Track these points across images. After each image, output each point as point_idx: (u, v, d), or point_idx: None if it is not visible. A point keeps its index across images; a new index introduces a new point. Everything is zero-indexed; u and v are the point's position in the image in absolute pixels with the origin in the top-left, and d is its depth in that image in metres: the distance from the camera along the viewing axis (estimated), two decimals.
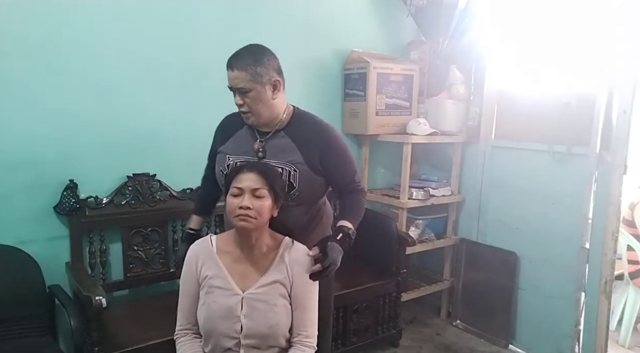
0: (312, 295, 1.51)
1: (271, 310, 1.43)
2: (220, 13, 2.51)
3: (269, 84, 1.59)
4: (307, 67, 2.86)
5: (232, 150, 1.70)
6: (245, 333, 1.41)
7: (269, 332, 1.42)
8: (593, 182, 2.42)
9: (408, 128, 2.91)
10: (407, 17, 3.13)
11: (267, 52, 1.62)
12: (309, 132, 1.66)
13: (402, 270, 2.73)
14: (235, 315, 1.42)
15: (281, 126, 1.67)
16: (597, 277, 2.41)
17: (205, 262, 1.48)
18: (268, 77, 1.58)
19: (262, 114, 1.61)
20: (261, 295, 1.44)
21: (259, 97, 1.58)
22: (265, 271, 1.47)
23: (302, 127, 1.67)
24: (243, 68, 1.55)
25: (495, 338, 2.89)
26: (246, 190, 1.42)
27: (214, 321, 1.43)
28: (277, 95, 1.62)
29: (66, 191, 2.13)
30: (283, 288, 1.47)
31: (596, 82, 2.39)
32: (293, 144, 1.64)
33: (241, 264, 1.48)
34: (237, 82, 1.56)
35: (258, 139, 1.67)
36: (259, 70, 1.56)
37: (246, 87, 1.56)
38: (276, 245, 1.52)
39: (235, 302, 1.43)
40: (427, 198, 2.91)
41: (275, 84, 1.60)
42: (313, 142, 1.64)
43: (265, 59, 1.58)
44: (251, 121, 1.64)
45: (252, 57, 1.56)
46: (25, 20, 2.02)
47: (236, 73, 1.56)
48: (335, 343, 2.52)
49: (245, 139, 1.69)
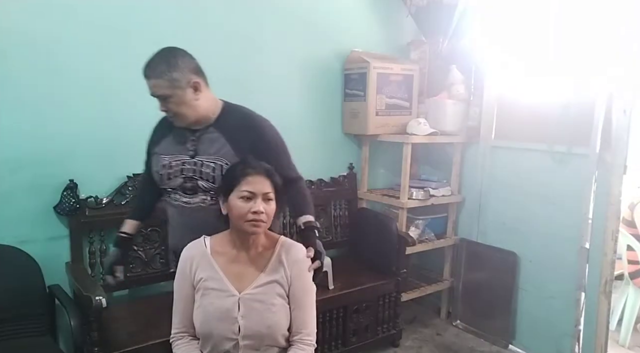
0: (311, 293, 1.50)
1: (269, 310, 1.42)
2: (220, 13, 2.51)
3: (189, 87, 1.57)
4: (307, 67, 2.86)
5: (166, 150, 1.69)
6: (244, 334, 1.40)
7: (267, 331, 1.41)
8: (593, 182, 2.42)
9: (408, 128, 2.91)
10: (407, 17, 3.13)
11: (180, 55, 1.60)
12: (238, 124, 1.66)
13: (402, 270, 2.73)
14: (233, 316, 1.40)
15: (211, 122, 1.66)
16: (597, 277, 2.41)
17: (200, 264, 1.46)
18: (186, 80, 1.56)
19: (188, 115, 1.61)
20: (258, 295, 1.43)
21: (181, 101, 1.57)
22: (262, 271, 1.46)
23: (231, 121, 1.67)
24: (158, 76, 1.54)
25: (495, 338, 2.89)
26: (258, 194, 1.39)
27: (211, 324, 1.41)
28: (200, 96, 1.61)
29: (66, 191, 2.13)
30: (280, 288, 1.45)
31: (596, 82, 2.38)
32: (222, 138, 1.64)
33: (237, 265, 1.46)
34: (156, 90, 1.56)
35: (189, 137, 1.66)
36: (175, 75, 1.55)
37: (165, 93, 1.55)
38: (272, 245, 1.50)
39: (231, 303, 1.41)
40: (427, 198, 2.91)
41: (195, 86, 1.59)
42: (243, 134, 1.64)
43: (179, 63, 1.56)
44: (178, 123, 1.64)
45: (165, 63, 1.55)
46: (25, 20, 2.02)
47: (153, 81, 1.56)
48: (335, 343, 2.52)
49: (178, 138, 1.68)
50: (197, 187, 1.63)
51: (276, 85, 2.74)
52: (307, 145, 2.92)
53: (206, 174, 1.62)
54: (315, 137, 2.96)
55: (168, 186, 1.68)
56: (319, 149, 2.98)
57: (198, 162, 1.63)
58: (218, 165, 1.61)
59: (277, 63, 2.73)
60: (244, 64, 2.61)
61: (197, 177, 1.63)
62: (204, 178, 1.62)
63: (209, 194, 1.62)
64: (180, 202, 1.67)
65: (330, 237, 2.98)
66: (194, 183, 1.63)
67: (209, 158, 1.62)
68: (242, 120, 1.68)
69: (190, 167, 1.64)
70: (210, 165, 1.62)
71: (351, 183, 3.08)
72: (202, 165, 1.63)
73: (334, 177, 3.03)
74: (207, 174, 1.62)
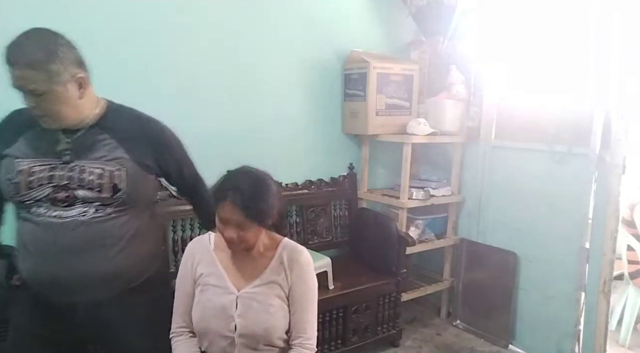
0: (312, 297, 1.49)
1: (266, 311, 1.41)
2: (220, 13, 2.51)
3: (73, 82, 1.31)
4: (307, 67, 2.86)
5: (25, 153, 1.37)
6: (240, 333, 1.40)
7: (263, 333, 1.40)
8: (593, 182, 2.42)
9: (408, 128, 2.91)
10: (407, 17, 3.13)
11: (60, 42, 1.30)
12: (133, 127, 1.45)
13: (402, 270, 2.73)
14: (229, 314, 1.40)
15: (93, 122, 1.41)
16: (597, 276, 2.40)
17: (202, 259, 1.47)
18: (69, 75, 1.29)
19: (67, 116, 1.34)
20: (256, 295, 1.42)
21: (59, 99, 1.29)
22: (262, 271, 1.45)
23: (122, 122, 1.44)
24: (31, 66, 1.23)
25: (495, 338, 2.89)
26: (229, 221, 1.33)
27: (208, 320, 1.41)
28: (84, 94, 1.35)
29: None
30: (280, 289, 1.44)
31: (596, 82, 2.38)
32: (113, 140, 1.40)
33: (238, 262, 1.46)
34: (25, 83, 1.24)
35: (63, 138, 1.37)
36: (55, 67, 1.25)
37: (39, 89, 1.25)
38: (274, 245, 1.49)
39: (229, 301, 1.41)
40: (427, 198, 2.91)
41: (80, 82, 1.33)
42: (139, 137, 1.44)
43: (60, 52, 1.27)
44: (49, 125, 1.35)
45: (42, 51, 1.24)
46: (25, 20, 2.01)
47: (23, 72, 1.23)
48: (335, 343, 2.52)
49: (43, 138, 1.37)
50: (74, 198, 1.35)
51: (276, 85, 2.74)
52: (307, 145, 2.93)
53: (89, 181, 1.35)
54: (315, 137, 2.96)
55: (27, 198, 1.35)
56: (319, 149, 2.98)
57: (76, 167, 1.36)
58: (107, 171, 1.36)
59: (277, 63, 2.73)
60: (243, 64, 2.61)
61: (75, 186, 1.35)
62: (85, 186, 1.35)
63: (93, 205, 1.36)
64: (46, 217, 1.34)
65: (330, 237, 2.99)
66: (69, 193, 1.35)
67: (93, 163, 1.36)
68: (136, 121, 1.48)
69: (64, 173, 1.35)
70: (95, 172, 1.36)
71: (351, 183, 3.08)
72: (82, 171, 1.36)
73: (334, 177, 3.03)
74: (90, 182, 1.35)
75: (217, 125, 2.55)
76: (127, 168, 1.40)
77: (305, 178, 2.90)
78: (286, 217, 1.48)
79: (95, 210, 1.37)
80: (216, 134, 2.54)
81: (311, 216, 2.92)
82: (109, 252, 1.39)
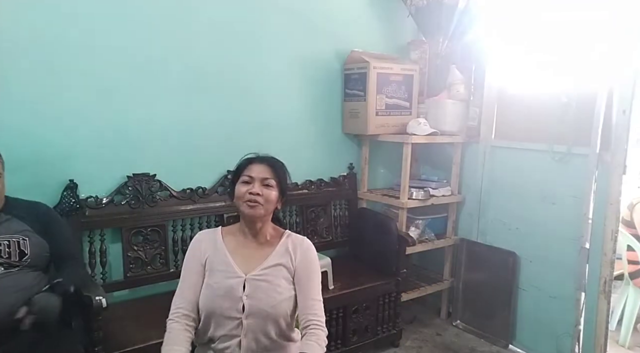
0: (317, 278, 1.54)
1: (274, 290, 1.46)
2: (220, 13, 2.51)
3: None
4: (307, 67, 2.86)
5: None
6: (248, 313, 1.43)
7: (271, 311, 1.44)
8: (593, 182, 2.42)
9: (408, 128, 2.91)
10: (407, 17, 3.13)
11: None
12: (28, 208, 1.81)
13: (402, 270, 2.73)
14: (238, 296, 1.44)
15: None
16: (597, 276, 2.41)
17: (209, 247, 1.53)
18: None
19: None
20: (264, 276, 1.48)
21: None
22: (268, 255, 1.52)
23: (18, 205, 1.79)
24: None
25: (495, 338, 2.89)
26: (256, 178, 1.49)
27: (215, 301, 1.44)
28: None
29: (66, 191, 2.13)
30: (286, 272, 1.51)
31: (596, 82, 2.39)
32: (17, 219, 1.74)
33: (245, 249, 1.53)
34: None
35: None
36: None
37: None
38: (278, 235, 1.58)
39: (237, 282, 1.46)
40: (427, 198, 2.91)
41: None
42: (35, 215, 1.79)
43: None
44: None
45: None
46: (26, 20, 2.02)
47: None
48: (335, 343, 2.52)
49: None
50: None
51: (276, 85, 2.74)
52: (307, 145, 2.92)
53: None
54: (315, 136, 2.96)
55: None
56: (319, 149, 2.98)
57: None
58: (14, 242, 1.69)
59: (277, 63, 2.73)
60: (243, 64, 2.61)
61: None
62: None
63: (2, 266, 1.66)
64: None
65: (330, 237, 2.99)
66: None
67: (3, 237, 1.69)
68: (28, 204, 1.82)
69: None
70: (3, 243, 1.67)
71: (351, 183, 3.08)
72: None
73: (334, 177, 3.03)
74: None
75: (217, 125, 2.55)
76: (30, 238, 1.72)
77: (305, 178, 2.90)
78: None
79: (5, 268, 1.66)
80: (216, 134, 2.54)
81: (311, 216, 2.92)
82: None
